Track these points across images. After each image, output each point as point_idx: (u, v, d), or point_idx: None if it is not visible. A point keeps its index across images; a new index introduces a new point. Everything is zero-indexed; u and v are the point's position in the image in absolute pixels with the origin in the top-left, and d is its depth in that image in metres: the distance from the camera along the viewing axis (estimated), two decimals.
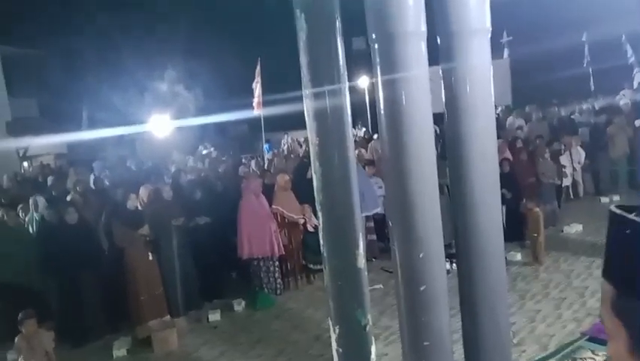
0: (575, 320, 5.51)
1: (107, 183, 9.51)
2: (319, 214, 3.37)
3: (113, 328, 6.53)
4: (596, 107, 14.54)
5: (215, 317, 6.61)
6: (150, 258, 6.18)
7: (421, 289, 2.78)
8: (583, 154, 10.52)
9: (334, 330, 3.26)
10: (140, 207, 6.82)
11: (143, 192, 7.16)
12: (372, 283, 6.71)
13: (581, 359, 3.41)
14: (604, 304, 0.74)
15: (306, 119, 3.24)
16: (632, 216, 0.70)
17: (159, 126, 15.71)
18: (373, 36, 2.86)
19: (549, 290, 6.37)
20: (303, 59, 3.13)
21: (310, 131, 3.26)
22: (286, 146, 16.43)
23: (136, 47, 18.27)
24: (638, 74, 16.66)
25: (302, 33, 3.10)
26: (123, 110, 16.88)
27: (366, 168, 8.25)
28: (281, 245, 7.04)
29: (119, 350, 6.04)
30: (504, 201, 8.37)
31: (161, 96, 19.73)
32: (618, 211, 0.73)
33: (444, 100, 3.20)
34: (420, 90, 2.83)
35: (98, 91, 17.51)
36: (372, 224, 7.98)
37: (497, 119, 14.16)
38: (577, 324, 5.38)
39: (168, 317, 6.36)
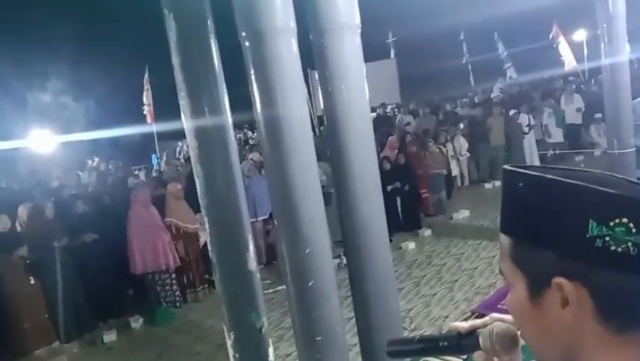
0: (466, 300, 5.83)
1: None
2: (205, 220, 3.27)
3: None
4: (476, 100, 15.58)
5: (110, 337, 6.24)
6: (32, 282, 5.70)
7: (310, 284, 2.79)
8: (466, 145, 11.19)
9: (229, 336, 3.19)
10: (20, 228, 6.29)
11: (22, 211, 6.60)
12: (274, 286, 6.68)
13: None
14: (503, 257, 0.80)
15: (184, 122, 3.13)
16: (522, 170, 0.78)
17: (44, 141, 14.62)
18: (243, 34, 2.80)
19: (442, 275, 6.70)
20: (175, 60, 3.02)
21: (189, 135, 3.16)
22: (182, 153, 15.99)
23: (10, 55, 16.64)
24: (510, 69, 18.05)
25: (172, 33, 2.99)
26: None
27: (262, 170, 8.20)
28: (176, 257, 6.79)
29: None
30: (399, 193, 8.74)
31: (44, 109, 18.31)
32: (511, 168, 0.80)
33: (321, 100, 3.23)
34: (294, 86, 2.82)
35: None
36: (271, 226, 7.92)
37: (390, 116, 14.72)
38: (468, 303, 5.69)
39: (57, 343, 5.92)
